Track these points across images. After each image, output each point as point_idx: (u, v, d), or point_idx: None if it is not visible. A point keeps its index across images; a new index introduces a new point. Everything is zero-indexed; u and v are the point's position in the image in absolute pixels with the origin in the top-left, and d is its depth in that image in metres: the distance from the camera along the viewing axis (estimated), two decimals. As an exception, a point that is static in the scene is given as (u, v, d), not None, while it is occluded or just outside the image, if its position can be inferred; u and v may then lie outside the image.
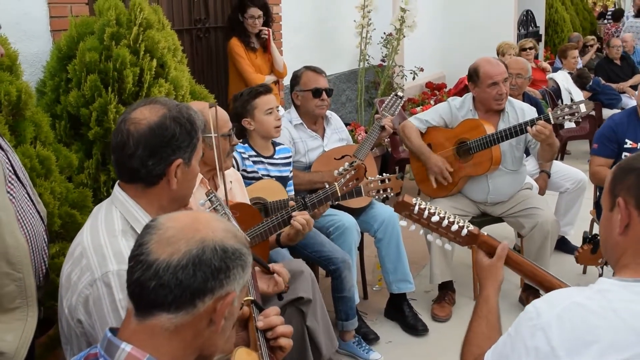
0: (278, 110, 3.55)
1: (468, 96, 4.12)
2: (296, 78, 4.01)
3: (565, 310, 1.46)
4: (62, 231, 2.53)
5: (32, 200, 2.09)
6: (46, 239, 2.12)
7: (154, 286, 1.26)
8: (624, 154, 3.99)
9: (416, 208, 2.01)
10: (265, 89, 3.53)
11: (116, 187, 1.88)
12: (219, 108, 2.87)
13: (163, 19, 3.37)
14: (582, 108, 3.65)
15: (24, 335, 1.90)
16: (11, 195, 1.95)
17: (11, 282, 1.88)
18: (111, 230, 1.78)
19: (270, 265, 2.39)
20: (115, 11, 3.13)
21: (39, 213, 2.11)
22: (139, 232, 1.74)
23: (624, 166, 1.58)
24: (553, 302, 1.51)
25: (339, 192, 3.07)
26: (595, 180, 4.21)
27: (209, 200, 2.07)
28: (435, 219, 2.01)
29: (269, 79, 4.96)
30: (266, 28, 4.97)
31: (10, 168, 2.01)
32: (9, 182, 1.97)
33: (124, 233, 1.79)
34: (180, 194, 1.87)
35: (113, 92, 3.00)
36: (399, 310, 3.92)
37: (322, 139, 4.02)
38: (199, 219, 1.35)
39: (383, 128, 4.03)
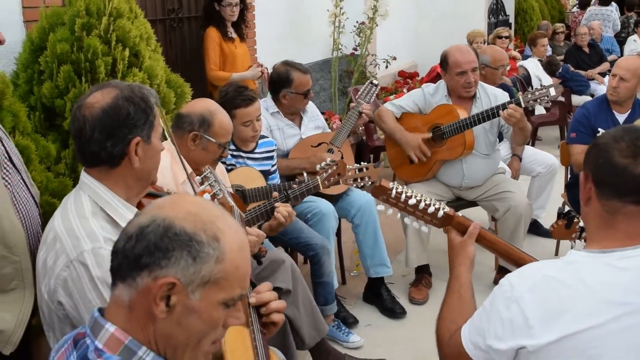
0: (258, 120, 3.48)
1: (442, 82, 4.17)
2: (287, 80, 3.93)
3: (537, 283, 1.52)
4: (42, 220, 2.53)
5: (26, 185, 2.14)
6: (40, 222, 2.16)
7: (112, 252, 1.29)
8: (597, 142, 4.07)
9: (393, 192, 2.04)
10: (247, 102, 3.39)
11: (82, 172, 1.90)
12: (225, 117, 2.85)
13: (135, 8, 3.36)
14: (552, 92, 3.73)
15: (20, 314, 1.98)
16: (6, 181, 2.00)
17: (8, 264, 1.94)
18: (81, 213, 1.82)
19: None
20: (85, 1, 3.12)
21: (33, 197, 2.16)
22: (109, 213, 1.80)
23: (593, 141, 1.66)
24: (526, 275, 1.57)
25: (321, 186, 3.12)
26: (577, 167, 4.28)
27: (205, 176, 2.09)
28: (412, 202, 2.05)
29: (236, 76, 4.78)
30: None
31: (5, 154, 2.05)
32: (4, 168, 2.01)
33: (94, 214, 1.82)
34: (144, 171, 1.89)
35: (87, 82, 3.00)
36: (377, 294, 3.98)
37: (300, 127, 4.04)
38: (179, 200, 1.34)
39: (360, 114, 4.06)
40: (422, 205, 2.04)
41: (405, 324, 3.84)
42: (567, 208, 4.20)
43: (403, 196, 2.04)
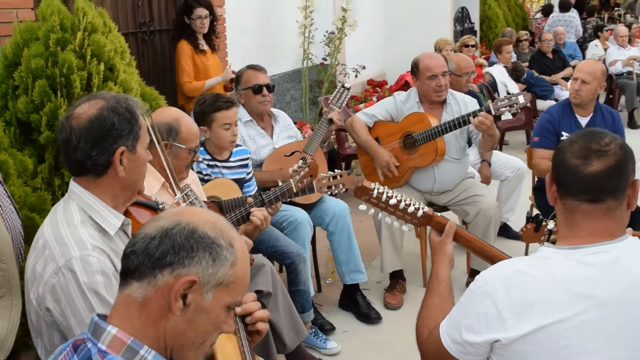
0: (236, 126, 3.54)
1: (413, 90, 4.28)
2: (238, 78, 4.13)
3: (509, 278, 1.62)
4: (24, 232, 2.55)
5: (8, 196, 2.17)
6: (22, 234, 2.20)
7: (128, 253, 1.34)
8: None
9: (375, 192, 2.14)
10: (227, 105, 3.47)
11: (71, 182, 1.95)
12: (190, 121, 2.89)
13: (109, 22, 3.38)
14: (521, 99, 3.85)
15: (10, 322, 2.01)
16: None
17: None
18: (70, 222, 1.86)
19: None
20: (59, 16, 3.13)
21: (16, 209, 2.19)
22: (97, 221, 1.85)
23: (557, 145, 1.75)
24: (499, 270, 1.67)
25: (294, 188, 3.17)
26: (538, 172, 4.42)
27: (185, 194, 2.13)
28: (392, 202, 2.14)
29: (209, 83, 4.87)
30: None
31: None
32: None
33: (82, 223, 1.86)
34: (130, 180, 1.93)
35: (62, 97, 3.02)
36: (353, 300, 4.04)
37: (271, 137, 4.10)
38: (194, 209, 1.43)
39: (331, 121, 4.13)
40: (402, 205, 2.13)
41: (381, 329, 3.91)
42: (535, 211, 4.34)
43: (384, 196, 2.13)
